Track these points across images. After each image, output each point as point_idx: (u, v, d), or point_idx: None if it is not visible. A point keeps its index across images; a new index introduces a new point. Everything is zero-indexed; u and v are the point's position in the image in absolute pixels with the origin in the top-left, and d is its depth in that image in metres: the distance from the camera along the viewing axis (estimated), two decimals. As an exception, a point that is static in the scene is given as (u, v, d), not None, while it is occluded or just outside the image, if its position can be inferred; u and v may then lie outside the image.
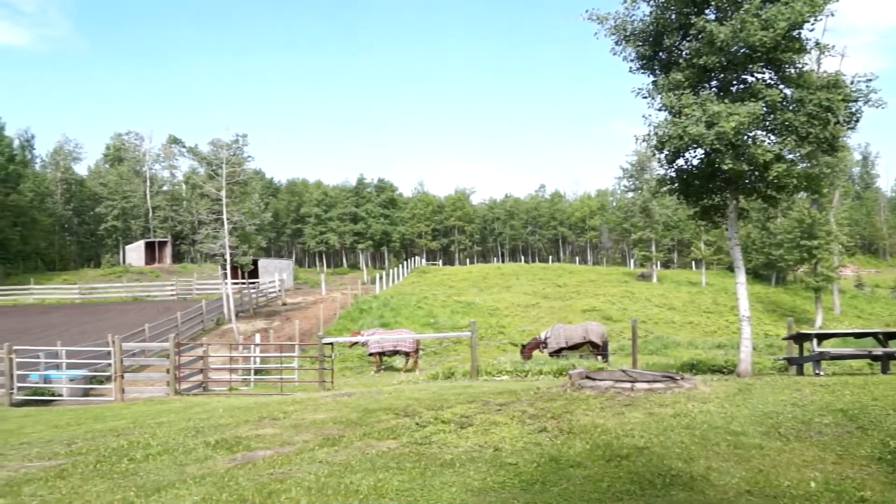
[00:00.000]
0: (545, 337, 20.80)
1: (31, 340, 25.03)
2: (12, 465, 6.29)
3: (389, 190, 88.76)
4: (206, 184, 32.75)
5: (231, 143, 32.11)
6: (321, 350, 16.45)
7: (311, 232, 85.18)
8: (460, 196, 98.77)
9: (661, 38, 11.17)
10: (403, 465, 5.33)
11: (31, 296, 46.73)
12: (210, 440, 6.74)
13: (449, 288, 45.68)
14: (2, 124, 61.44)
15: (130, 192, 71.20)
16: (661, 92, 10.86)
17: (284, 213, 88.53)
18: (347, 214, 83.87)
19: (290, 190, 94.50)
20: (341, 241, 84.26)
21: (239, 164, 32.24)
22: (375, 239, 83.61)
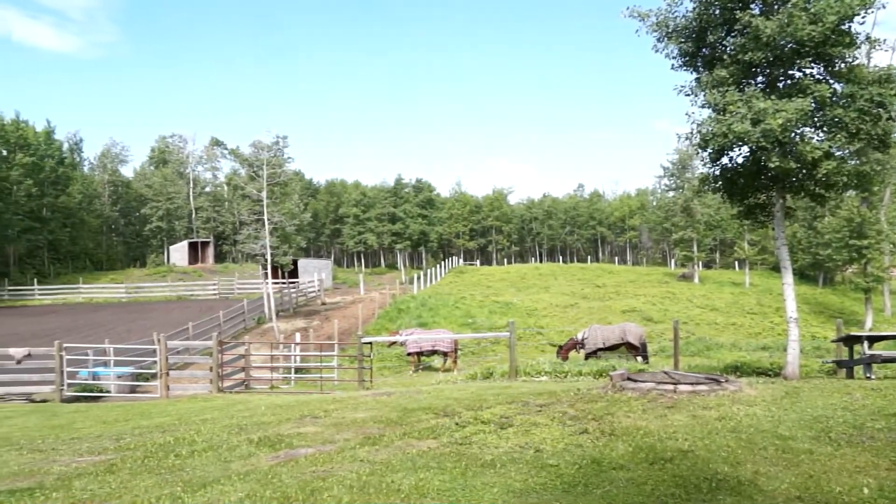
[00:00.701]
0: (582, 338, 20.61)
1: (80, 338, 25.78)
2: (64, 460, 6.48)
3: (427, 190, 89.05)
4: (247, 185, 33.32)
5: (272, 144, 32.61)
6: (360, 349, 16.58)
7: (350, 232, 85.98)
8: (498, 196, 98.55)
9: (705, 34, 10.95)
10: (444, 465, 5.33)
11: (80, 295, 48.16)
12: (253, 437, 6.84)
13: (486, 288, 45.60)
14: (52, 128, 63.49)
15: (174, 194, 72.85)
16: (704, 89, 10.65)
17: (323, 213, 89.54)
18: (385, 215, 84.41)
19: (328, 191, 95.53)
20: (379, 241, 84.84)
21: (279, 166, 32.70)
22: (413, 239, 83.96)
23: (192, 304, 41.47)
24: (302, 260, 53.20)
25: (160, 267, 62.76)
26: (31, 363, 17.50)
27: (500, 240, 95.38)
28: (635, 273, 56.42)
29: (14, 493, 5.10)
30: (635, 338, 20.20)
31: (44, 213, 58.40)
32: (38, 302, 46.80)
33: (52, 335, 25.96)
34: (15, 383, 17.19)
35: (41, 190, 57.26)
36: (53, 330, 29.64)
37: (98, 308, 41.94)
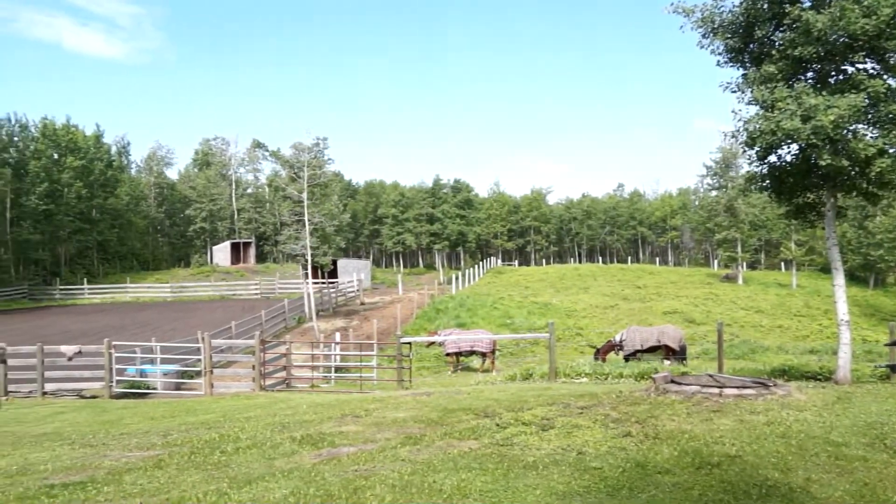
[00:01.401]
0: (620, 339, 20.35)
1: (127, 336, 26.45)
2: (114, 455, 6.64)
3: (465, 190, 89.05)
4: (288, 186, 33.75)
5: (312, 146, 32.95)
6: (399, 349, 16.65)
7: (388, 232, 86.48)
8: (536, 196, 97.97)
9: (752, 29, 10.67)
10: (486, 466, 5.31)
11: (128, 294, 49.48)
12: (296, 435, 6.91)
13: (525, 288, 45.36)
14: (101, 132, 65.38)
15: (217, 195, 74.29)
16: (751, 85, 10.37)
17: (362, 214, 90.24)
18: (424, 215, 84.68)
19: (367, 191, 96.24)
20: (418, 241, 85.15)
21: (319, 167, 33.04)
22: (451, 239, 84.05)
23: (235, 304, 42.23)
24: (341, 260, 53.69)
25: (204, 267, 64.06)
26: (81, 360, 18.01)
27: (538, 240, 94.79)
28: (677, 274, 55.48)
29: (67, 486, 5.24)
30: (673, 341, 19.87)
31: (93, 214, 60.14)
32: (88, 301, 48.22)
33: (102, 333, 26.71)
34: (66, 380, 17.73)
35: (91, 192, 58.97)
36: (102, 328, 30.49)
37: (144, 307, 43.03)
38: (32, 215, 53.00)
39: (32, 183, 53.01)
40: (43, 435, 9.38)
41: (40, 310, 43.40)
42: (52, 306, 45.81)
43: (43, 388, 17.09)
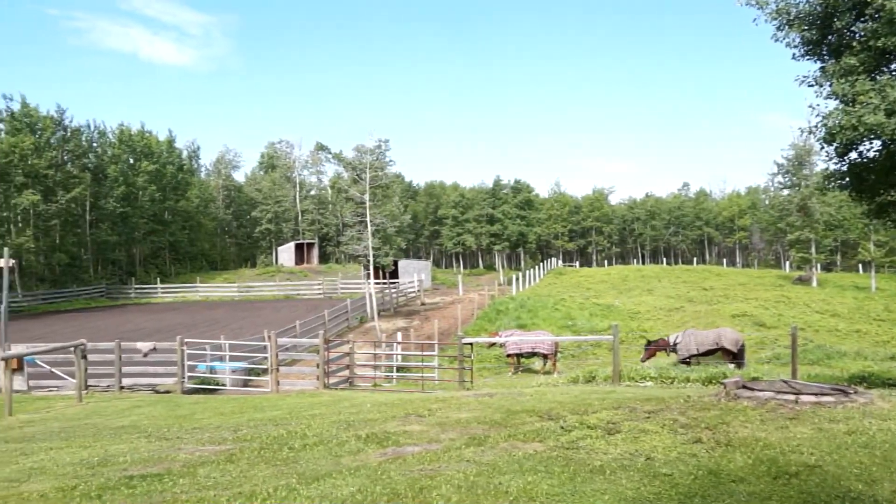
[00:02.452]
0: (675, 341, 19.94)
1: (197, 334, 27.38)
2: (188, 448, 6.87)
3: (526, 191, 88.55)
4: (350, 188, 34.31)
5: (374, 148, 33.41)
6: (461, 350, 16.66)
7: (449, 233, 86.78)
8: (598, 196, 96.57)
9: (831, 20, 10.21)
10: (552, 469, 5.24)
11: (198, 293, 51.23)
12: (361, 434, 6.99)
13: (586, 290, 44.75)
14: (173, 137, 68.00)
15: (282, 197, 76.16)
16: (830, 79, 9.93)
17: (423, 215, 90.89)
18: (484, 216, 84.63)
19: (428, 192, 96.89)
20: (478, 242, 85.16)
21: (381, 169, 33.46)
22: (512, 240, 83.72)
23: (299, 303, 43.18)
24: (402, 261, 54.19)
25: (269, 267, 65.78)
26: (155, 357, 18.73)
27: (600, 241, 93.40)
28: (746, 275, 53.68)
29: (145, 478, 5.45)
30: (732, 343, 19.37)
31: (165, 216, 62.60)
32: (160, 300, 50.18)
33: (174, 331, 27.76)
34: (142, 375, 18.49)
35: (163, 195, 61.42)
36: (174, 326, 31.68)
37: (213, 306, 44.47)
38: (110, 217, 55.55)
39: (110, 186, 55.57)
40: (121, 428, 9.79)
41: (117, 308, 45.45)
42: (127, 304, 47.89)
43: (120, 382, 17.85)
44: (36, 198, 46.77)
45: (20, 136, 48.04)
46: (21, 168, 47.18)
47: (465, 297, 42.71)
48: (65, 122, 54.28)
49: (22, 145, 47.08)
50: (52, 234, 51.08)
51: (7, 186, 47.16)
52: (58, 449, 7.45)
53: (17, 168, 47.05)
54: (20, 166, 47.13)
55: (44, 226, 49.86)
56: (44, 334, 28.16)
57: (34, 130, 50.16)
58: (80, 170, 53.95)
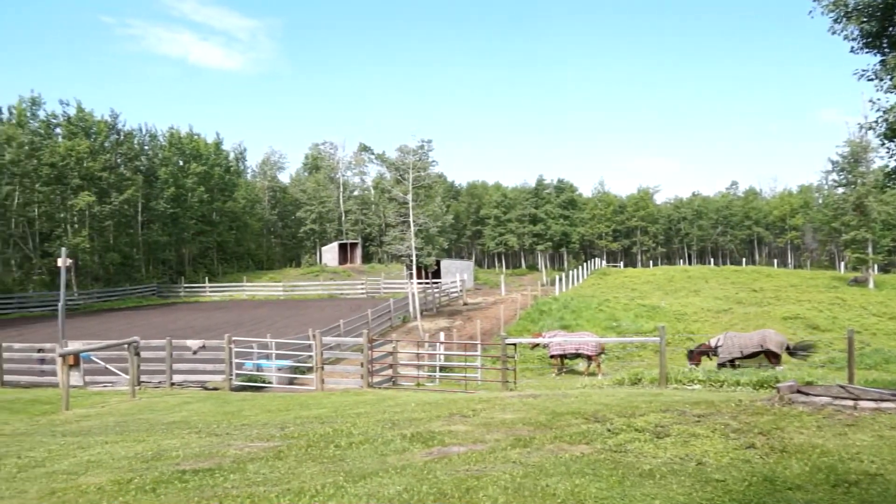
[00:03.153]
0: (716, 345, 19.55)
1: (244, 332, 27.90)
2: (237, 444, 6.99)
3: (569, 190, 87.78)
4: (393, 188, 34.51)
5: (417, 148, 33.52)
6: (504, 350, 16.59)
7: (491, 233, 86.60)
8: (643, 195, 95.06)
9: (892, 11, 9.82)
10: (600, 472, 5.16)
11: (244, 292, 52.23)
12: (406, 433, 7.01)
13: (631, 291, 44.09)
14: (220, 139, 69.50)
15: (326, 198, 77.09)
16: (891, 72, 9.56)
17: (465, 215, 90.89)
18: (526, 216, 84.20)
19: (470, 192, 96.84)
20: (520, 242, 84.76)
21: (424, 169, 33.55)
22: (555, 240, 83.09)
23: (342, 303, 43.63)
24: (444, 261, 54.28)
25: (313, 267, 66.67)
26: (204, 354, 19.17)
27: (645, 241, 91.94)
28: (798, 277, 52.13)
29: (197, 472, 5.57)
30: (777, 345, 18.92)
31: (213, 217, 64.00)
32: (209, 298, 51.33)
33: (221, 329, 28.37)
34: (191, 372, 18.94)
35: (211, 196, 62.82)
36: (222, 324, 32.36)
37: (259, 304, 45.29)
38: (160, 218, 57.07)
39: (160, 188, 57.09)
40: (172, 423, 10.03)
41: (167, 306, 46.66)
42: (177, 303, 49.12)
43: (171, 379, 18.32)
44: (91, 199, 48.37)
45: (76, 139, 49.76)
46: (77, 171, 48.87)
47: (507, 297, 42.57)
48: (118, 126, 56.05)
49: (78, 149, 48.76)
50: (106, 234, 52.73)
51: (64, 188, 48.90)
52: (113, 443, 7.66)
53: (74, 171, 48.75)
54: (76, 169, 48.82)
55: (98, 226, 51.52)
56: (98, 332, 29.07)
57: (89, 134, 51.88)
58: (132, 172, 55.59)
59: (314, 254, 75.03)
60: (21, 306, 41.40)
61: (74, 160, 48.63)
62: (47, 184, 48.33)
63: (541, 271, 77.74)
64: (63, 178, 48.67)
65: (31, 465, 6.49)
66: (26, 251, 48.54)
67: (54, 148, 48.80)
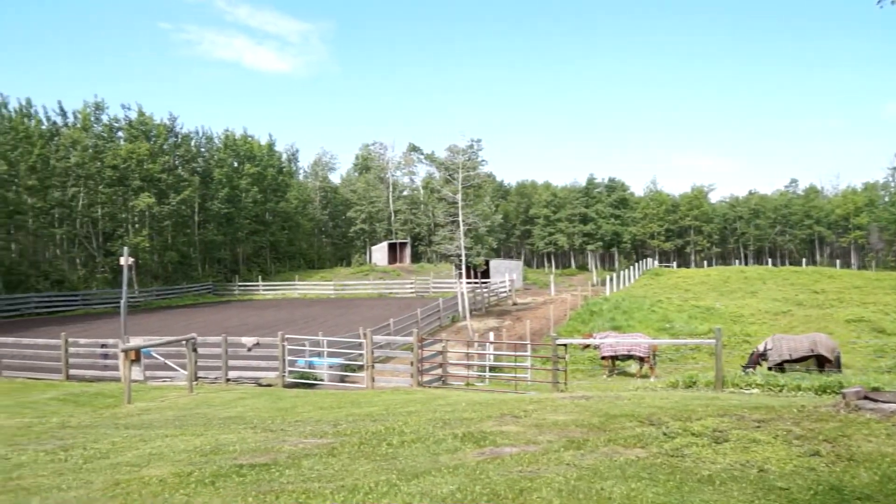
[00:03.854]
0: (765, 348, 19.07)
1: (296, 330, 28.38)
2: (292, 440, 7.11)
3: (620, 189, 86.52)
4: (442, 188, 34.60)
5: (466, 148, 33.54)
6: (555, 351, 16.43)
7: (540, 233, 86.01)
8: (697, 194, 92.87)
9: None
10: (656, 477, 5.05)
11: (296, 291, 53.16)
12: (457, 432, 7.00)
13: (685, 291, 43.14)
14: (273, 141, 70.93)
15: (376, 198, 77.86)
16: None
17: (514, 214, 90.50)
18: (577, 215, 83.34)
19: (519, 192, 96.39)
20: (570, 241, 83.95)
21: (473, 168, 33.54)
22: (605, 240, 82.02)
23: (392, 302, 43.98)
24: (494, 260, 54.15)
25: (363, 266, 67.42)
26: (258, 351, 19.57)
27: (699, 240, 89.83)
28: (862, 278, 50.10)
29: (254, 467, 5.68)
30: (828, 350, 18.33)
31: (266, 217, 65.37)
32: (262, 297, 52.42)
33: (274, 326, 28.92)
34: (246, 368, 19.36)
35: (264, 196, 64.17)
36: (275, 322, 32.99)
37: (311, 303, 46.02)
38: (216, 218, 58.59)
39: (216, 189, 58.60)
40: (229, 418, 10.27)
41: (222, 304, 47.84)
42: (232, 301, 50.32)
43: (226, 375, 18.77)
44: (151, 200, 50.00)
45: (137, 142, 51.52)
46: (138, 173, 50.61)
47: (556, 297, 42.18)
48: (176, 129, 57.80)
49: (138, 151, 50.48)
50: (165, 234, 54.42)
51: (125, 190, 50.70)
52: (173, 436, 7.89)
53: (135, 173, 50.50)
54: (137, 171, 50.55)
55: (157, 226, 53.22)
56: (157, 328, 30.00)
57: (149, 137, 53.66)
58: (189, 173, 57.23)
59: (364, 253, 75.85)
60: (85, 303, 43.06)
61: (135, 162, 50.35)
62: (110, 185, 50.19)
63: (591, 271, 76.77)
64: (125, 179, 50.46)
65: (96, 457, 6.73)
66: (90, 250, 50.48)
67: (116, 151, 50.65)
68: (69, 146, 48.66)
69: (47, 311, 39.77)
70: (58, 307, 40.82)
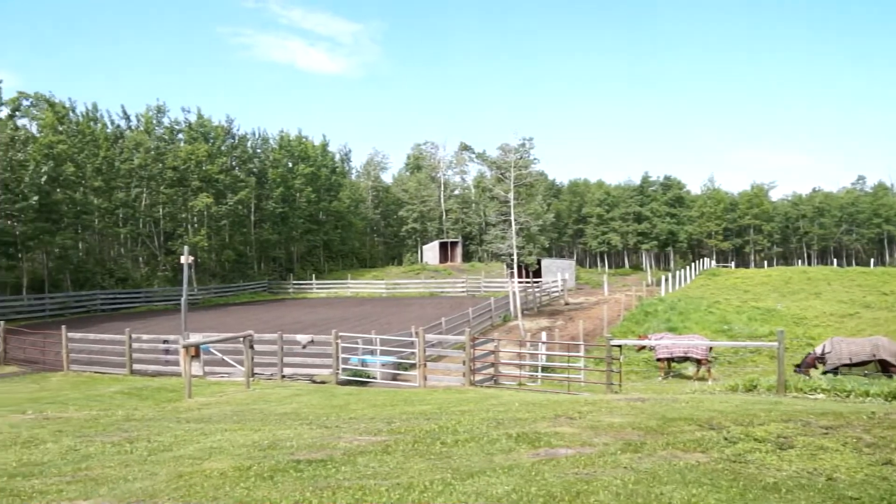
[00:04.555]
0: (822, 352, 18.32)
1: (349, 328, 28.72)
2: (347, 437, 7.18)
3: (676, 187, 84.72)
4: (494, 187, 34.51)
5: (518, 146, 33.35)
6: (609, 352, 16.18)
7: (593, 232, 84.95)
8: (757, 192, 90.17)
9: None
10: (718, 483, 4.90)
11: (349, 289, 53.85)
12: (511, 433, 6.95)
13: (744, 292, 41.95)
14: (327, 141, 72.06)
15: (427, 197, 78.22)
16: None
17: (566, 213, 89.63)
18: (631, 214, 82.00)
19: (571, 190, 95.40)
20: (624, 241, 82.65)
21: (525, 167, 33.34)
22: (660, 239, 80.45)
23: (443, 300, 44.11)
24: (545, 260, 53.75)
25: (414, 265, 67.83)
26: (313, 349, 19.89)
27: (759, 240, 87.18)
28: (935, 279, 47.76)
29: (311, 463, 5.75)
30: (891, 354, 17.52)
31: (320, 216, 66.43)
32: (315, 295, 53.30)
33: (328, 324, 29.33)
34: (301, 365, 19.70)
35: (318, 196, 65.23)
36: (328, 320, 33.48)
37: (363, 301, 46.55)
38: (271, 218, 59.86)
39: (271, 189, 59.86)
40: (284, 414, 10.45)
41: (277, 302, 48.85)
42: (286, 299, 51.32)
43: (282, 371, 19.14)
44: (209, 200, 51.43)
45: (196, 144, 53.06)
46: (196, 173, 52.13)
47: (610, 297, 41.58)
48: (233, 131, 59.26)
49: (198, 153, 51.98)
50: (222, 233, 55.88)
51: (185, 190, 52.27)
52: (232, 431, 8.07)
53: (194, 174, 52.03)
54: (196, 172, 52.07)
55: (215, 226, 54.68)
56: (215, 325, 30.80)
57: (207, 139, 55.16)
58: (245, 174, 58.60)
59: (415, 252, 76.30)
60: (147, 300, 44.59)
61: (194, 163, 51.87)
62: (170, 186, 51.83)
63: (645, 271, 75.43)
64: (184, 180, 52.04)
65: (159, 449, 6.93)
66: (152, 249, 52.23)
67: (177, 152, 52.27)
68: (133, 148, 50.47)
69: (112, 307, 41.34)
70: (122, 304, 42.39)
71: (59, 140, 42.13)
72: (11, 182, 37.58)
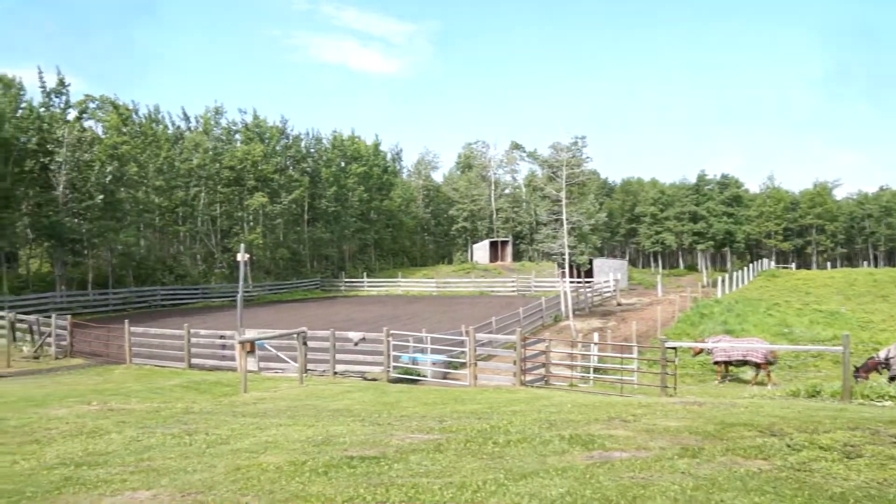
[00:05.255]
0: (886, 357, 17.39)
1: (399, 326, 28.84)
2: (399, 435, 7.22)
3: (734, 186, 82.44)
4: (546, 186, 34.23)
5: (570, 145, 33.00)
6: (664, 354, 15.84)
7: (646, 232, 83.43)
8: (820, 190, 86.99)
9: None
10: (782, 492, 4.73)
11: (399, 287, 54.23)
12: (564, 434, 6.87)
13: (805, 294, 40.55)
14: (379, 141, 72.71)
15: (477, 196, 78.16)
16: None
17: (619, 212, 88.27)
18: (686, 213, 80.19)
19: (624, 189, 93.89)
20: (678, 241, 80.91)
21: (577, 166, 32.96)
22: (717, 239, 78.42)
23: (493, 300, 43.98)
24: (597, 260, 53.05)
25: (464, 264, 67.87)
26: (364, 346, 20.08)
27: (821, 240, 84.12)
28: None
29: (364, 459, 5.80)
30: None
31: (371, 215, 67.10)
32: (366, 293, 53.85)
33: (379, 322, 29.59)
34: (352, 362, 19.92)
35: (370, 195, 65.92)
36: (379, 317, 33.77)
37: (413, 300, 46.80)
38: (324, 216, 60.78)
39: (324, 188, 60.78)
40: (337, 410, 10.58)
41: (329, 299, 49.55)
42: (338, 297, 52.00)
43: (334, 368, 19.39)
44: (264, 199, 52.56)
45: (252, 144, 54.29)
46: (252, 173, 53.33)
47: (664, 298, 40.75)
48: (287, 131, 60.38)
49: (253, 153, 53.18)
50: (277, 231, 57.02)
51: (241, 189, 53.54)
52: (286, 426, 8.21)
53: (249, 173, 53.25)
54: (251, 171, 53.28)
55: (270, 224, 55.84)
56: (269, 321, 31.41)
57: (263, 139, 56.36)
58: (299, 174, 59.65)
59: (466, 251, 76.31)
60: (205, 296, 45.85)
61: (250, 163, 53.08)
62: (227, 185, 53.19)
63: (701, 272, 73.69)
64: (240, 180, 53.32)
65: (217, 442, 7.10)
66: (210, 247, 53.68)
67: (233, 153, 53.60)
68: (192, 149, 51.98)
69: (171, 303, 42.66)
70: (180, 300, 43.70)
71: (123, 141, 43.70)
72: (78, 181, 39.19)
